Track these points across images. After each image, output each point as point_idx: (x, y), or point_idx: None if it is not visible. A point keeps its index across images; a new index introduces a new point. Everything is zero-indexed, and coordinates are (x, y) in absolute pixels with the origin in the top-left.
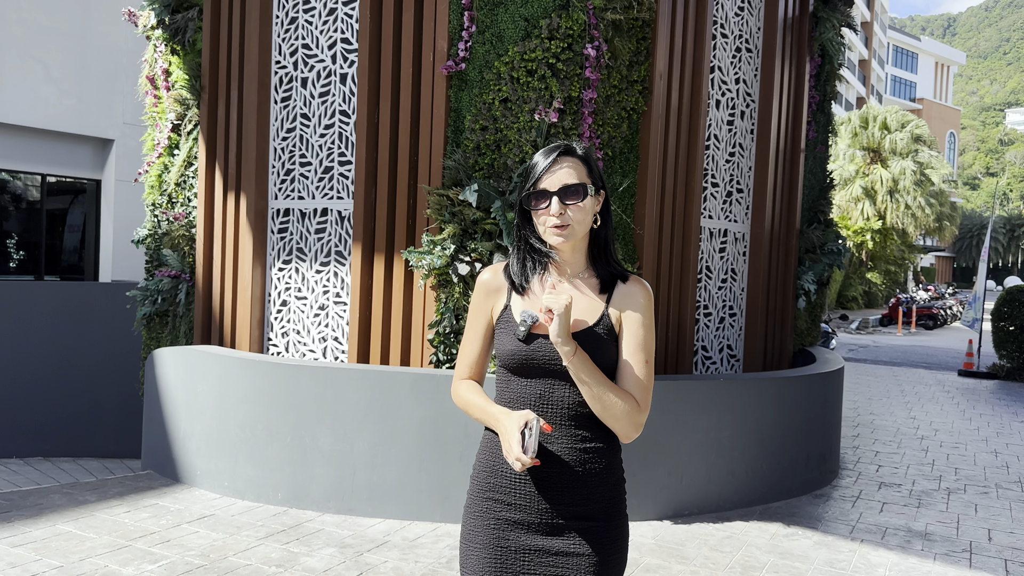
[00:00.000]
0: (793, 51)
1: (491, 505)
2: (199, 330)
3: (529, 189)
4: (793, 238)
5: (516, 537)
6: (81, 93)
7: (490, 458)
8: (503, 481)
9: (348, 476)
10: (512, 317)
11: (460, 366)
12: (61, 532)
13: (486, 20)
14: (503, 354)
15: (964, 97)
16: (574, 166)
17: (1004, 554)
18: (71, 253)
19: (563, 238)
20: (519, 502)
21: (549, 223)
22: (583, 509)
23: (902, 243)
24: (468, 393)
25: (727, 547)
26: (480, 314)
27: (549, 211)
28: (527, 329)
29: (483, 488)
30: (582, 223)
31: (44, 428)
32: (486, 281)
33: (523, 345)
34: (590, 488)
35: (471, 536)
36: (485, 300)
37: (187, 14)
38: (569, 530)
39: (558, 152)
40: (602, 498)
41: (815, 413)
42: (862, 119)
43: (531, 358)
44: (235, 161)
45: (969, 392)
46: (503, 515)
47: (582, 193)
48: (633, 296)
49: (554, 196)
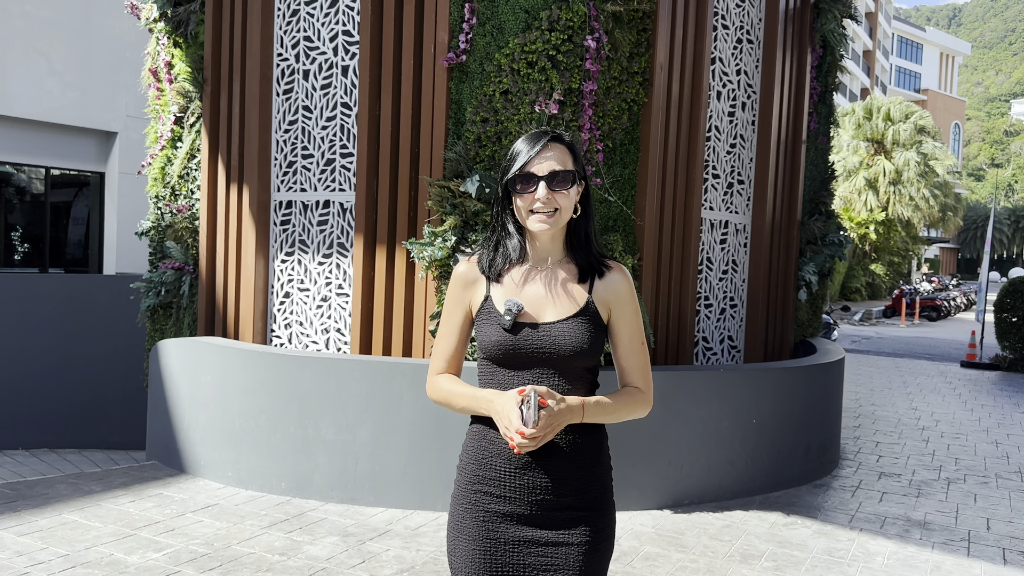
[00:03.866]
0: (794, 42)
1: (479, 498)
2: (203, 322)
3: (515, 172)
4: (794, 229)
5: (505, 529)
6: (84, 86)
7: (478, 450)
8: (492, 473)
9: (351, 466)
10: (494, 307)
11: (436, 360)
12: (67, 521)
13: (486, 12)
14: (488, 345)
15: (969, 88)
16: (562, 153)
17: (1002, 543)
18: (75, 246)
19: (547, 225)
20: (509, 494)
21: (535, 208)
22: (573, 500)
23: (906, 234)
24: (449, 384)
25: (726, 536)
26: (457, 306)
27: (535, 196)
28: (513, 318)
29: (471, 480)
30: (567, 210)
31: (49, 420)
32: (462, 273)
33: (509, 335)
34: (579, 479)
35: (459, 528)
36: (463, 292)
37: (189, 7)
38: (559, 520)
39: (548, 137)
40: (592, 487)
41: (815, 403)
42: (866, 110)
43: (518, 347)
44: (238, 153)
45: (971, 383)
46: (492, 507)
47: (570, 180)
48: (616, 284)
49: (541, 181)
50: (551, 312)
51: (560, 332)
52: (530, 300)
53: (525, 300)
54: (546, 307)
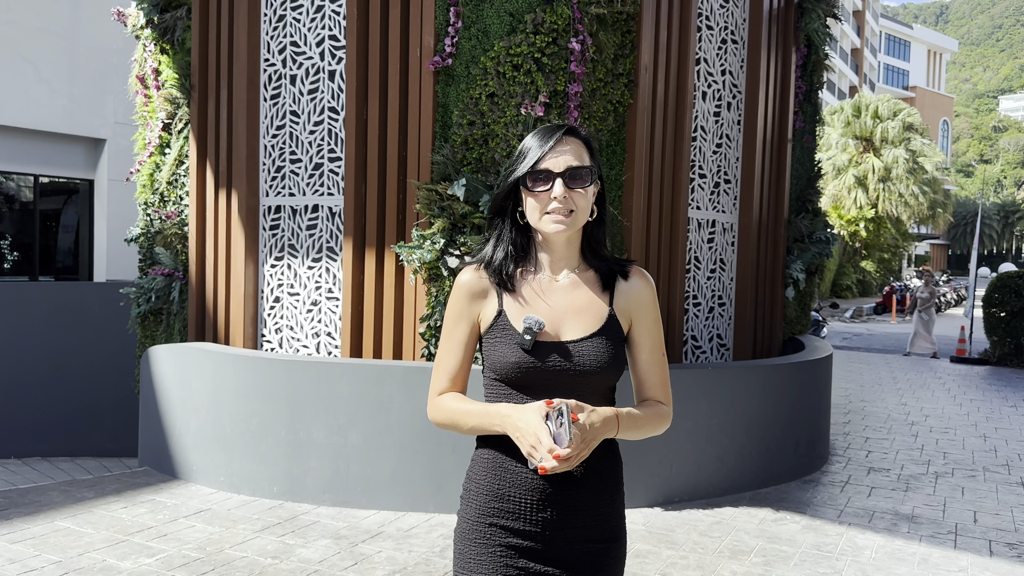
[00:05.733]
0: (779, 42)
1: (495, 532)
2: (193, 327)
3: (529, 168)
4: (781, 227)
5: (525, 564)
6: (72, 93)
7: (492, 480)
8: (510, 505)
9: (343, 469)
10: (510, 324)
11: (438, 380)
12: (59, 528)
13: (472, 15)
14: (503, 366)
15: (957, 84)
16: (579, 147)
17: (989, 535)
18: (65, 253)
19: (564, 226)
20: (530, 528)
21: (551, 207)
22: (595, 532)
23: (896, 231)
24: (455, 402)
25: (716, 532)
26: (463, 321)
27: (551, 194)
28: (533, 337)
29: (484, 513)
30: (585, 211)
31: (42, 428)
32: (468, 283)
33: (528, 356)
34: (602, 508)
35: (472, 566)
36: (470, 305)
37: (176, 13)
38: (579, 553)
39: (563, 131)
40: (611, 516)
41: (803, 400)
42: (854, 108)
43: (539, 369)
44: (226, 159)
45: (961, 378)
46: (509, 541)
47: (588, 177)
48: (639, 292)
49: (558, 178)
50: (573, 328)
51: (585, 351)
52: (549, 315)
53: (543, 315)
54: (567, 323)
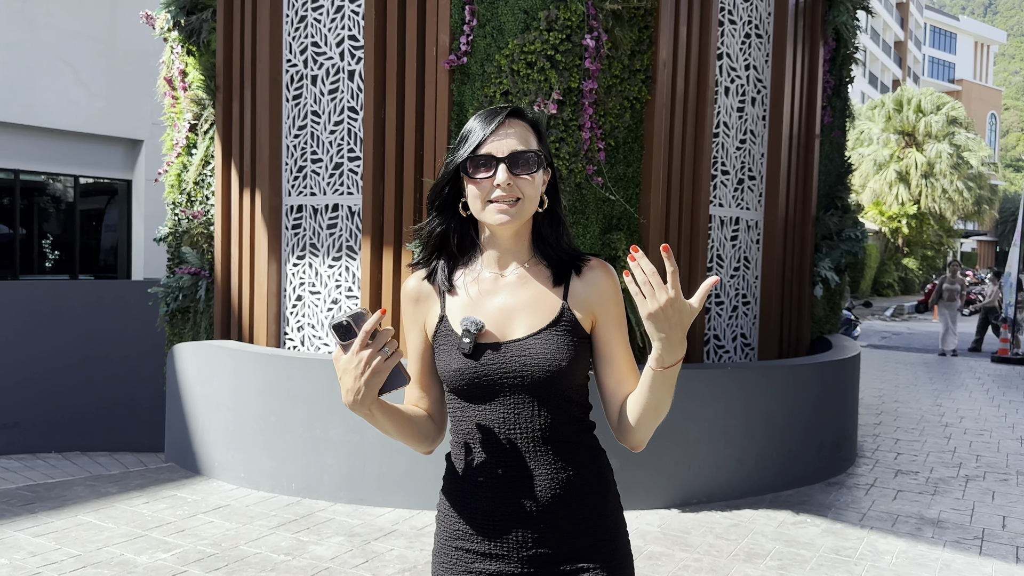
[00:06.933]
0: (806, 36)
1: (461, 556)
2: (218, 326)
3: (469, 153)
4: (809, 225)
5: None
6: (110, 95)
7: (459, 495)
8: (474, 527)
9: (359, 466)
10: (451, 328)
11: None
12: (82, 522)
13: (487, 13)
14: (448, 375)
15: (1007, 77)
16: (524, 130)
17: (1017, 541)
18: (105, 252)
19: (509, 217)
20: (497, 551)
21: (494, 195)
22: (576, 548)
23: (939, 228)
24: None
25: (732, 535)
26: (413, 329)
27: (494, 181)
28: (472, 340)
29: (450, 536)
30: (532, 200)
31: (81, 423)
32: (411, 290)
33: (471, 361)
34: (580, 522)
35: None
36: (415, 312)
37: (201, 15)
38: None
39: (506, 113)
40: (598, 531)
41: (828, 401)
42: (896, 102)
43: (483, 375)
44: (250, 159)
45: (1001, 378)
46: (477, 567)
47: (535, 163)
48: (599, 283)
49: (501, 163)
50: (519, 327)
51: (530, 350)
52: (493, 314)
53: (487, 315)
54: (513, 321)
